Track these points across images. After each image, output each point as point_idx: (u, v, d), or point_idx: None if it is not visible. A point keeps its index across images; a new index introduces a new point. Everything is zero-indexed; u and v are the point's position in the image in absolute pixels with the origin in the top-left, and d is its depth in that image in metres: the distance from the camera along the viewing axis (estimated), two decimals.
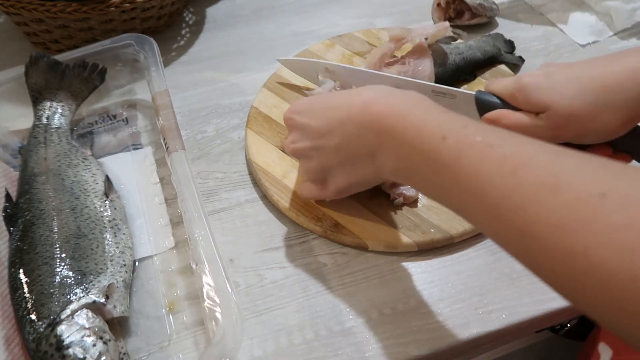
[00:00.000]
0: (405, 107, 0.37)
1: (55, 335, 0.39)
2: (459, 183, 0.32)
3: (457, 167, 0.31)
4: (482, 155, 0.30)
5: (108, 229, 0.48)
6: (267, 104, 0.61)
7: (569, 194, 0.26)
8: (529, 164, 0.28)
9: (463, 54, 0.61)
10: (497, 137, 0.31)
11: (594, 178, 0.26)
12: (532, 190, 0.27)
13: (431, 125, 0.34)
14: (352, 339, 0.44)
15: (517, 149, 0.30)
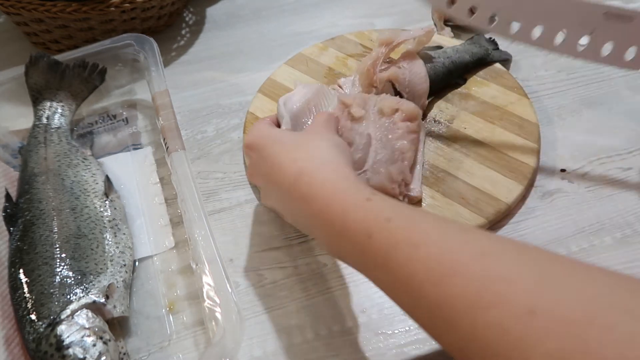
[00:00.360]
0: (329, 192, 0.36)
1: (55, 335, 0.39)
2: (392, 282, 0.31)
3: (388, 268, 0.31)
4: (409, 257, 0.30)
5: (108, 229, 0.48)
6: (263, 109, 0.61)
7: (498, 311, 0.25)
8: (455, 270, 0.27)
9: (452, 58, 0.60)
10: (422, 234, 0.30)
11: (523, 288, 0.25)
12: (460, 304, 0.26)
13: (356, 220, 0.33)
14: (352, 339, 0.44)
15: (442, 249, 0.29)
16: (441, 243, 0.29)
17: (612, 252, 0.47)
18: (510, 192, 0.50)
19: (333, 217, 0.34)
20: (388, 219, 0.32)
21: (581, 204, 0.51)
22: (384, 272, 0.31)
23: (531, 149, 0.53)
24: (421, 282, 0.28)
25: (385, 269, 0.31)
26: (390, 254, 0.30)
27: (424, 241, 0.30)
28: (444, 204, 0.50)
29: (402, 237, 0.30)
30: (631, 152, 0.55)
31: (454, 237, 0.30)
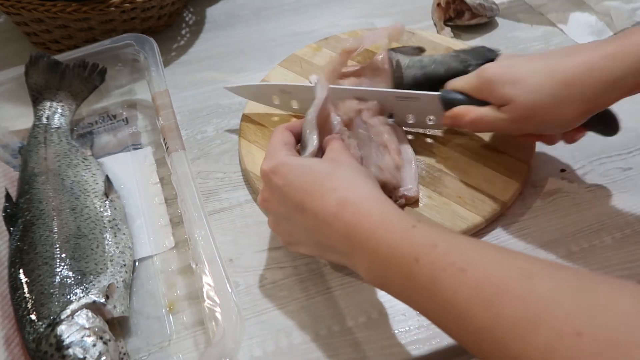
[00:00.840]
0: (375, 220, 0.36)
1: (55, 335, 0.39)
2: (437, 306, 0.31)
3: (434, 292, 0.31)
4: (456, 281, 0.30)
5: (108, 229, 0.48)
6: (258, 113, 0.60)
7: (547, 331, 0.26)
8: (503, 293, 0.28)
9: (425, 69, 0.58)
10: (468, 259, 0.31)
11: (569, 310, 0.26)
12: (510, 325, 0.27)
13: (403, 246, 0.34)
14: (352, 339, 0.44)
15: (489, 272, 0.30)
16: (487, 266, 0.30)
17: (612, 252, 0.47)
18: (506, 189, 0.50)
19: (379, 245, 0.34)
20: (434, 245, 0.32)
21: (581, 204, 0.51)
22: (430, 296, 0.32)
23: (527, 146, 0.53)
24: (468, 305, 0.29)
25: (431, 293, 0.31)
26: (436, 277, 0.31)
27: (470, 265, 0.30)
28: (441, 203, 0.50)
29: (448, 261, 0.31)
30: (631, 152, 0.55)
31: (499, 260, 0.31)
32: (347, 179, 0.39)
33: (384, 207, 0.36)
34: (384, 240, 0.34)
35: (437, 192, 0.51)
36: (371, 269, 0.36)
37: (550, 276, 0.29)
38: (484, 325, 0.28)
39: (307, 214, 0.39)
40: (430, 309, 0.32)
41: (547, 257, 0.47)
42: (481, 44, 0.68)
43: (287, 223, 0.42)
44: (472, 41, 0.70)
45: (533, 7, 0.75)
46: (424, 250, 0.33)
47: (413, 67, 0.58)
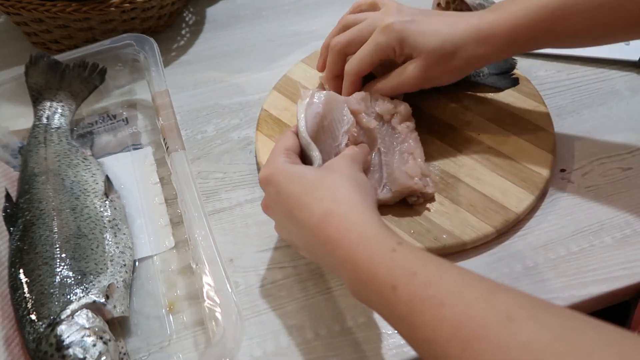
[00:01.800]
0: (356, 237, 0.35)
1: (55, 335, 0.39)
2: (416, 337, 0.31)
3: (411, 323, 0.31)
4: (435, 316, 0.29)
5: (108, 229, 0.48)
6: (277, 107, 0.60)
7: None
8: (482, 338, 0.27)
9: None
10: (447, 292, 0.30)
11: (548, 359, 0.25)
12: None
13: (381, 271, 0.33)
14: (352, 339, 0.44)
15: (468, 312, 0.29)
16: (467, 303, 0.29)
17: (612, 252, 0.47)
18: (520, 201, 0.49)
19: (359, 265, 0.34)
20: (413, 273, 0.32)
21: (581, 204, 0.51)
22: (408, 327, 0.31)
23: (545, 158, 0.52)
24: (446, 342, 0.29)
25: (409, 324, 0.31)
26: (415, 309, 0.30)
27: (450, 300, 0.30)
28: (452, 210, 0.49)
29: (427, 294, 0.30)
30: (631, 152, 0.55)
31: (480, 297, 0.30)
32: (335, 189, 0.38)
33: (366, 224, 0.36)
34: (363, 261, 0.34)
35: (449, 199, 0.50)
36: (353, 287, 0.35)
37: (532, 319, 0.27)
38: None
39: (296, 223, 0.39)
40: (410, 340, 0.32)
41: (547, 256, 0.47)
42: None
43: (284, 230, 0.43)
44: None
45: None
46: (402, 279, 0.32)
47: None
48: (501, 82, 0.61)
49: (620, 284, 0.45)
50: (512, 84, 0.60)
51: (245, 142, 0.60)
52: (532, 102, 0.58)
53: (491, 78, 0.61)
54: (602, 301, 0.45)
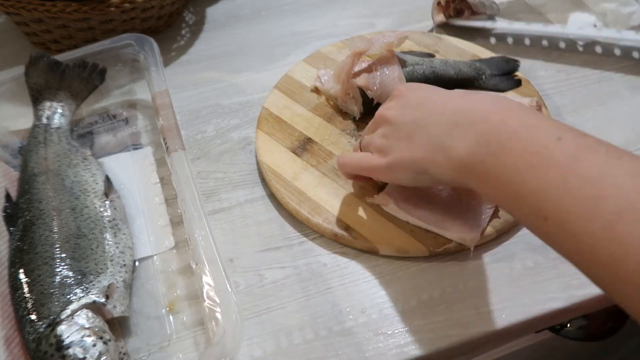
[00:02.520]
0: (512, 105, 0.35)
1: (55, 335, 0.39)
2: (562, 185, 0.29)
3: (568, 169, 0.29)
4: (607, 164, 0.29)
5: (108, 229, 0.48)
6: (278, 105, 0.61)
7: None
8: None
9: (435, 68, 0.59)
10: (625, 152, 0.29)
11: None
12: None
13: (542, 123, 0.32)
14: (352, 339, 0.44)
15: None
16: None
17: None
18: None
19: (510, 118, 0.34)
20: (583, 135, 0.32)
21: None
22: (558, 173, 0.30)
23: None
24: (617, 187, 0.28)
25: (563, 170, 0.30)
26: (582, 156, 0.30)
27: (628, 157, 0.30)
28: None
29: (601, 148, 0.30)
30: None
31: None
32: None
33: (525, 108, 0.35)
34: (515, 117, 0.33)
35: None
36: (481, 140, 0.34)
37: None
38: (620, 219, 0.27)
39: (426, 106, 0.40)
40: (539, 192, 0.30)
41: (547, 256, 0.47)
42: (481, 43, 0.68)
43: (396, 122, 0.42)
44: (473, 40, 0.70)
45: (533, 6, 0.75)
46: (571, 134, 0.31)
47: (423, 64, 0.59)
48: (503, 83, 0.61)
49: None
50: (514, 85, 0.61)
51: (245, 142, 0.60)
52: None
53: (493, 80, 0.61)
54: (602, 301, 0.45)
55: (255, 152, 0.57)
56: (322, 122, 0.59)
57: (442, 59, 0.62)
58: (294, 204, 0.51)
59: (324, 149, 0.56)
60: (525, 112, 0.35)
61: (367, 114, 0.58)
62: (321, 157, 0.55)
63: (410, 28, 0.72)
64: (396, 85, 0.56)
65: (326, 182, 0.53)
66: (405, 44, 0.65)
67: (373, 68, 0.57)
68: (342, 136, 0.57)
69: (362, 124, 0.58)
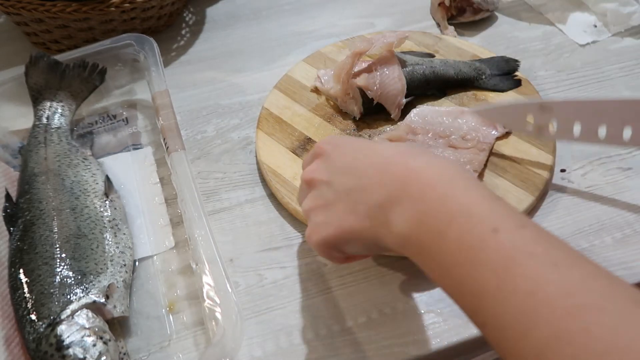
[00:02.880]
0: (450, 174, 0.32)
1: (55, 335, 0.39)
2: (498, 292, 0.27)
3: (503, 274, 0.27)
4: (542, 273, 0.26)
5: (108, 229, 0.48)
6: (278, 105, 0.61)
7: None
8: (599, 318, 0.24)
9: (435, 68, 0.59)
10: (563, 255, 0.27)
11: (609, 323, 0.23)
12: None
13: (481, 209, 0.29)
14: (352, 339, 0.44)
15: (588, 283, 0.25)
16: (587, 276, 0.26)
17: (612, 252, 0.47)
18: (520, 202, 0.49)
19: (447, 195, 0.31)
20: (523, 226, 0.29)
21: (581, 204, 0.51)
22: (490, 276, 0.27)
23: (545, 159, 0.52)
24: (550, 308, 0.25)
25: (495, 274, 0.27)
26: (516, 259, 0.27)
27: (566, 263, 0.27)
28: None
29: (538, 250, 0.27)
30: (631, 152, 0.55)
31: (599, 272, 0.27)
32: (413, 146, 0.38)
33: (461, 169, 0.33)
34: (457, 193, 0.31)
35: None
36: (417, 219, 0.31)
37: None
38: (561, 340, 0.24)
39: (355, 171, 0.36)
40: (478, 292, 0.28)
41: None
42: (481, 43, 0.68)
43: (326, 191, 0.38)
44: (472, 39, 0.70)
45: (533, 6, 0.75)
46: (509, 225, 0.28)
47: (423, 64, 0.59)
48: (504, 83, 0.61)
49: None
50: (514, 85, 0.61)
51: (245, 142, 0.60)
52: None
53: (494, 80, 0.61)
54: None
55: (255, 152, 0.57)
56: (322, 122, 0.59)
57: (442, 59, 0.62)
58: (294, 205, 0.51)
59: None
60: (466, 185, 0.32)
61: (367, 114, 0.58)
62: None
63: (410, 28, 0.72)
64: (395, 85, 0.56)
65: None
66: (405, 44, 0.65)
67: (373, 68, 0.57)
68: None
69: (362, 124, 0.58)
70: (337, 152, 0.39)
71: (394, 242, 0.33)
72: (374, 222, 0.34)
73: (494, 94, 0.60)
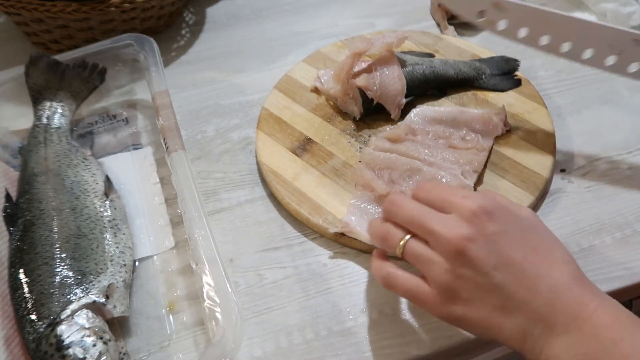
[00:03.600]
0: (624, 317, 0.32)
1: (55, 335, 0.39)
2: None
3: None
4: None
5: (108, 229, 0.48)
6: (278, 106, 0.61)
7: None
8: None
9: (435, 68, 0.59)
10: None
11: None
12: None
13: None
14: (352, 339, 0.44)
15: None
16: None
17: (612, 252, 0.47)
18: (520, 202, 0.49)
19: (621, 340, 0.31)
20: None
21: (581, 204, 0.51)
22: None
23: (545, 159, 0.52)
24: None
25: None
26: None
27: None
28: None
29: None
30: (631, 152, 0.55)
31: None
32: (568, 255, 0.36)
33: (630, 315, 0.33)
34: (627, 342, 0.31)
35: None
36: (582, 354, 0.31)
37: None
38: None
39: (526, 272, 0.34)
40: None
41: None
42: (481, 43, 0.68)
43: (483, 276, 0.34)
44: (472, 39, 0.70)
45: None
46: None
47: (423, 64, 0.59)
48: (504, 83, 0.61)
49: (620, 284, 0.45)
50: (514, 84, 0.61)
51: (245, 142, 0.60)
52: (533, 103, 0.58)
53: (494, 80, 0.61)
54: None
55: (255, 153, 0.57)
56: (322, 123, 0.59)
57: (442, 59, 0.62)
58: (294, 205, 0.51)
59: (324, 149, 0.56)
60: (637, 327, 0.32)
61: (367, 114, 0.58)
62: (321, 158, 0.55)
63: (410, 28, 0.72)
64: (395, 85, 0.56)
65: (326, 182, 0.53)
66: (405, 43, 0.65)
67: (373, 68, 0.57)
68: (342, 136, 0.57)
69: (362, 124, 0.58)
70: (506, 239, 0.35)
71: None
72: (528, 336, 0.33)
73: (494, 94, 0.60)
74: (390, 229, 0.39)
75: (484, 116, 0.54)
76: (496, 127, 0.54)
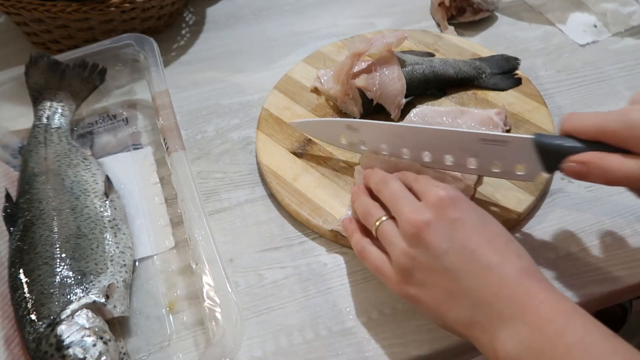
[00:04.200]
0: (569, 309, 0.33)
1: (55, 335, 0.39)
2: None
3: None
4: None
5: (108, 229, 0.48)
6: (278, 106, 0.61)
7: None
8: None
9: (435, 67, 0.59)
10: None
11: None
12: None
13: (600, 345, 0.30)
14: (352, 339, 0.44)
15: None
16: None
17: (612, 252, 0.47)
18: (520, 202, 0.49)
19: (566, 330, 0.32)
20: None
21: (581, 204, 0.51)
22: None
23: None
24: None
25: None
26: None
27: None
28: None
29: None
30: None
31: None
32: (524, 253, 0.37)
33: (575, 306, 0.33)
34: (575, 330, 0.31)
35: None
36: (532, 347, 0.32)
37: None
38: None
39: (477, 260, 0.35)
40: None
41: (547, 256, 0.47)
42: (481, 43, 0.68)
43: (435, 260, 0.36)
44: (472, 39, 0.70)
45: (533, 6, 0.75)
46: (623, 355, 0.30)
47: (422, 64, 0.59)
48: (504, 82, 0.61)
49: (620, 284, 0.45)
50: (514, 83, 0.61)
51: (245, 142, 0.60)
52: (533, 103, 0.58)
53: (494, 79, 0.61)
54: (602, 301, 0.45)
55: (255, 153, 0.57)
56: None
57: (442, 58, 0.62)
58: (294, 206, 0.51)
59: (323, 150, 0.56)
60: (583, 319, 0.32)
61: (367, 114, 0.58)
62: (321, 158, 0.55)
63: (410, 28, 0.72)
64: (394, 85, 0.56)
65: (326, 183, 0.53)
66: (405, 43, 0.65)
67: (372, 68, 0.57)
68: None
69: None
70: (463, 227, 0.36)
71: (491, 354, 0.34)
72: (474, 323, 0.35)
73: (494, 93, 0.60)
74: (372, 209, 0.42)
75: (484, 115, 0.54)
76: (496, 126, 0.54)
